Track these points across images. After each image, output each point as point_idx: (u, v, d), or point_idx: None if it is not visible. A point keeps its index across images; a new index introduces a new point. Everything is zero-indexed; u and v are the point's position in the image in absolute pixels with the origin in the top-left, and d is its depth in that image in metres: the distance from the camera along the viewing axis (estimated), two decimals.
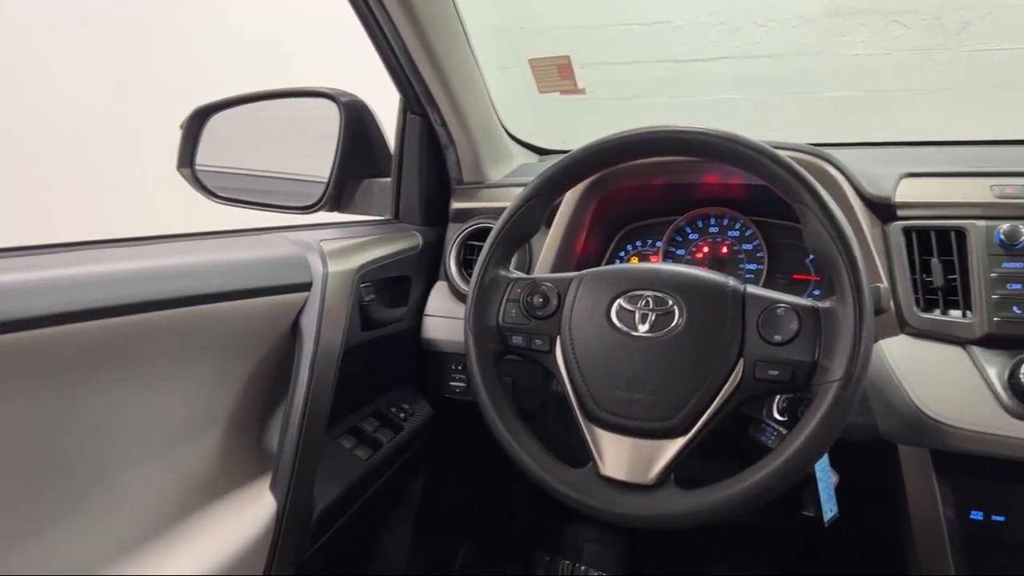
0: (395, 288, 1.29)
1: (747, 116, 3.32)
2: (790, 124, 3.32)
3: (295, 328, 1.02)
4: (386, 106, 1.41)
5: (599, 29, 3.02)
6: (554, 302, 0.94)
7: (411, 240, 1.33)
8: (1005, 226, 0.99)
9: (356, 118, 1.37)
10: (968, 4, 3.18)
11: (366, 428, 1.23)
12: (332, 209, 1.40)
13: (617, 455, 0.86)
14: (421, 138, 1.37)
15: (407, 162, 1.38)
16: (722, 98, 3.30)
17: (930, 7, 3.22)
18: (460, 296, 1.32)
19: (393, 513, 1.44)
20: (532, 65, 2.33)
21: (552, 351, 0.93)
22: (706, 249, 1.29)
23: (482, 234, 1.33)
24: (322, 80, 1.42)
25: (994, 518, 1.06)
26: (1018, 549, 1.10)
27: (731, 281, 0.88)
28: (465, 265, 1.35)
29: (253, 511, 0.96)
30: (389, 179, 1.41)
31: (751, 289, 0.87)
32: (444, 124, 1.34)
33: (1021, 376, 0.93)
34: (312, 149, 1.44)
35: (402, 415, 1.30)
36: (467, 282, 1.22)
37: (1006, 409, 0.94)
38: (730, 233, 1.28)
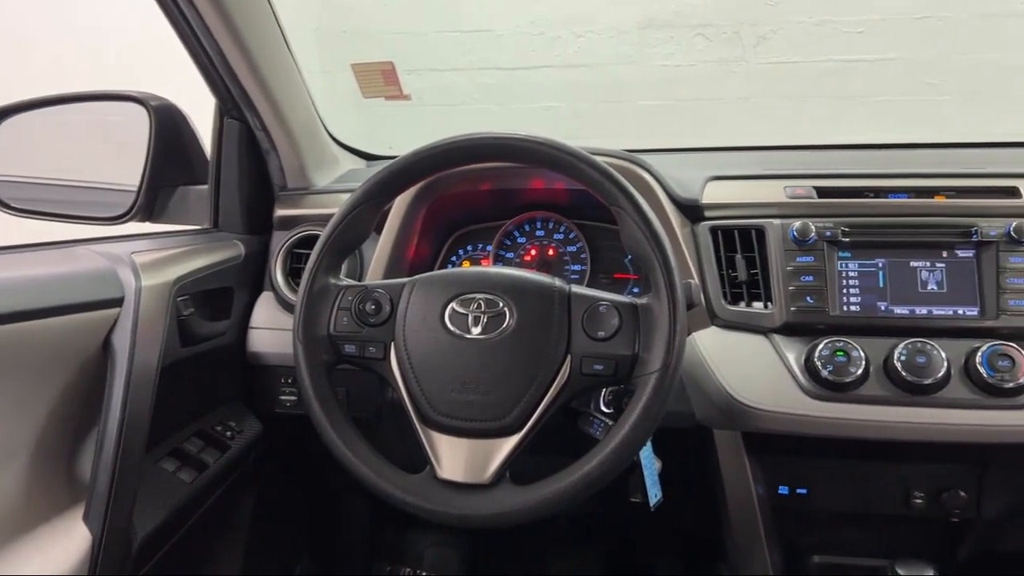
0: (216, 301, 1.24)
1: (569, 123, 3.44)
2: (608, 131, 3.46)
3: (106, 347, 0.95)
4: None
5: (424, 35, 3.02)
6: (387, 308, 0.94)
7: (232, 250, 1.28)
8: (797, 223, 1.09)
9: (168, 123, 1.29)
10: (764, 20, 3.46)
11: (190, 449, 1.17)
12: (144, 219, 1.32)
13: (454, 457, 0.87)
14: (240, 143, 1.31)
15: (226, 168, 1.32)
16: (545, 106, 3.40)
17: (731, 22, 3.47)
18: (287, 306, 1.28)
19: (224, 535, 1.38)
20: (355, 70, 2.29)
21: (386, 358, 0.92)
22: (534, 252, 1.33)
23: (309, 242, 1.30)
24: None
25: (798, 491, 1.17)
26: (819, 517, 1.22)
27: (557, 282, 0.92)
28: (292, 274, 1.31)
29: (65, 545, 0.88)
30: (206, 186, 1.34)
31: (576, 289, 0.91)
32: (264, 128, 1.29)
33: (815, 360, 1.02)
34: (122, 156, 1.35)
35: (229, 433, 1.25)
36: (294, 292, 1.19)
37: (804, 391, 1.03)
38: (556, 236, 1.33)
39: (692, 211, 1.16)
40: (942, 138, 1.58)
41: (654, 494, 1.07)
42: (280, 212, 1.36)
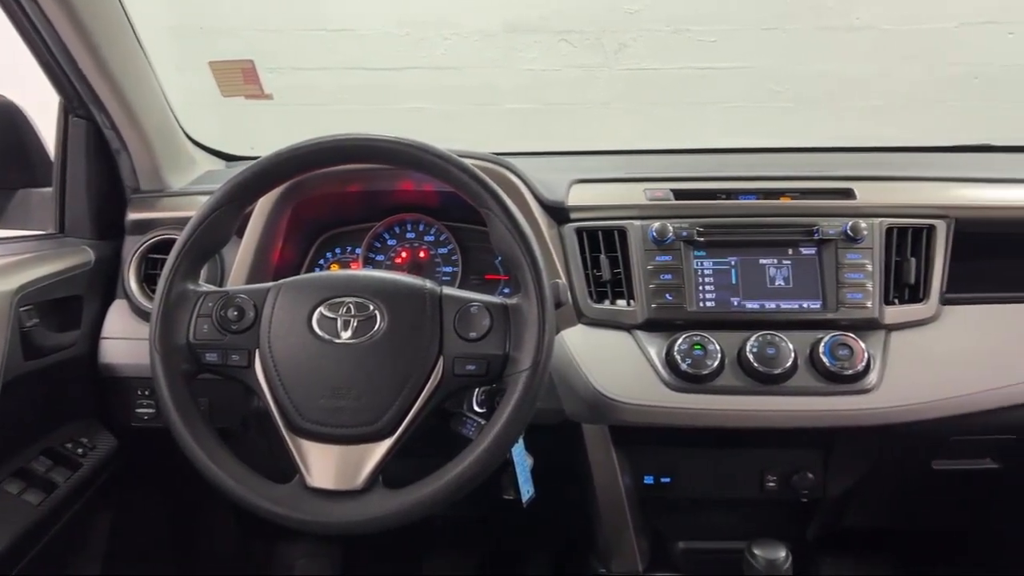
0: (64, 310, 1.16)
1: (437, 125, 3.43)
2: (477, 134, 3.48)
3: None
4: None
5: (285, 33, 2.94)
6: (251, 314, 0.91)
7: (81, 256, 1.20)
8: (656, 224, 1.14)
9: (4, 121, 1.20)
10: (624, 27, 3.58)
11: (37, 469, 1.09)
12: None
13: (324, 464, 0.85)
14: (88, 143, 1.24)
15: (72, 170, 1.24)
16: (413, 107, 3.38)
17: (593, 28, 3.57)
18: (143, 315, 1.22)
19: (80, 558, 1.29)
20: (213, 68, 2.20)
21: (251, 366, 0.90)
22: (405, 254, 1.32)
23: (165, 246, 1.24)
24: None
25: (663, 480, 1.22)
26: (683, 504, 1.28)
27: (428, 284, 0.92)
28: (147, 281, 1.25)
29: None
30: (50, 189, 1.26)
31: (447, 290, 0.91)
32: (114, 127, 1.22)
33: (675, 354, 1.07)
34: None
35: (80, 451, 1.17)
36: (150, 299, 1.14)
37: (666, 384, 1.08)
38: (426, 238, 1.33)
39: (558, 213, 1.19)
40: (787, 143, 1.69)
41: (527, 490, 1.09)
42: (133, 215, 1.29)
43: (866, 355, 1.06)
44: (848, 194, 1.17)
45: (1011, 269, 1.23)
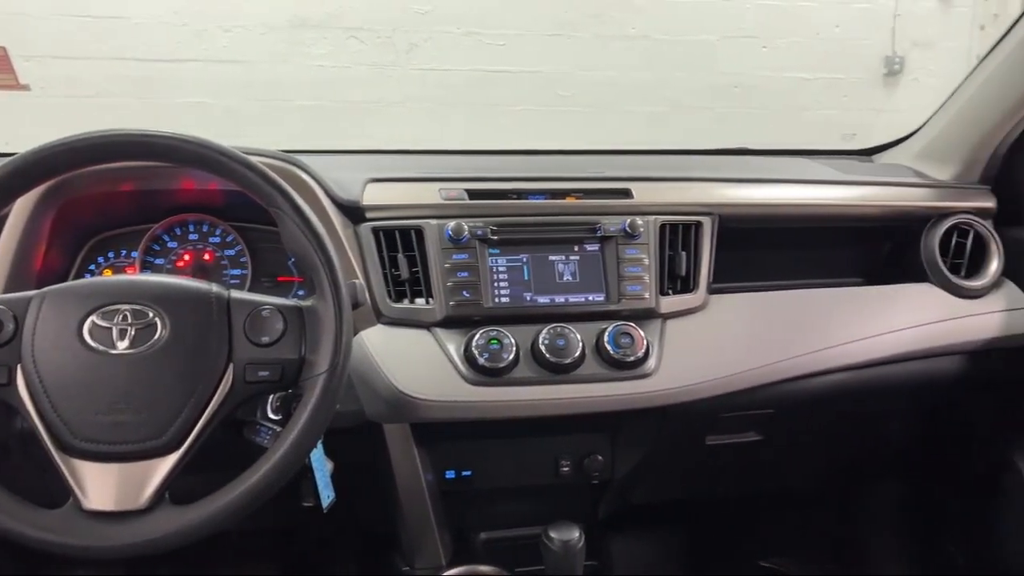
0: None
1: (221, 121, 3.27)
2: (265, 131, 3.36)
3: None
4: None
5: (44, 19, 2.68)
6: (10, 327, 0.82)
7: None
8: (452, 224, 1.16)
9: None
10: (415, 27, 3.60)
11: None
12: None
13: (103, 485, 0.79)
14: None
15: None
16: (193, 102, 3.21)
17: (384, 27, 3.56)
18: None
19: None
20: None
21: (12, 383, 0.81)
22: (188, 257, 1.25)
23: None
24: None
25: (464, 474, 1.25)
26: (483, 496, 1.31)
27: (215, 288, 0.88)
28: None
29: None
30: None
31: (235, 294, 0.88)
32: None
33: (472, 349, 1.09)
34: None
35: None
36: None
37: (465, 379, 1.10)
38: (211, 240, 1.26)
39: (353, 212, 1.18)
40: (574, 146, 1.79)
41: (327, 496, 1.07)
42: None
43: (645, 342, 1.14)
44: (627, 194, 1.25)
45: (769, 260, 1.38)
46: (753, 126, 3.91)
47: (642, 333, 1.15)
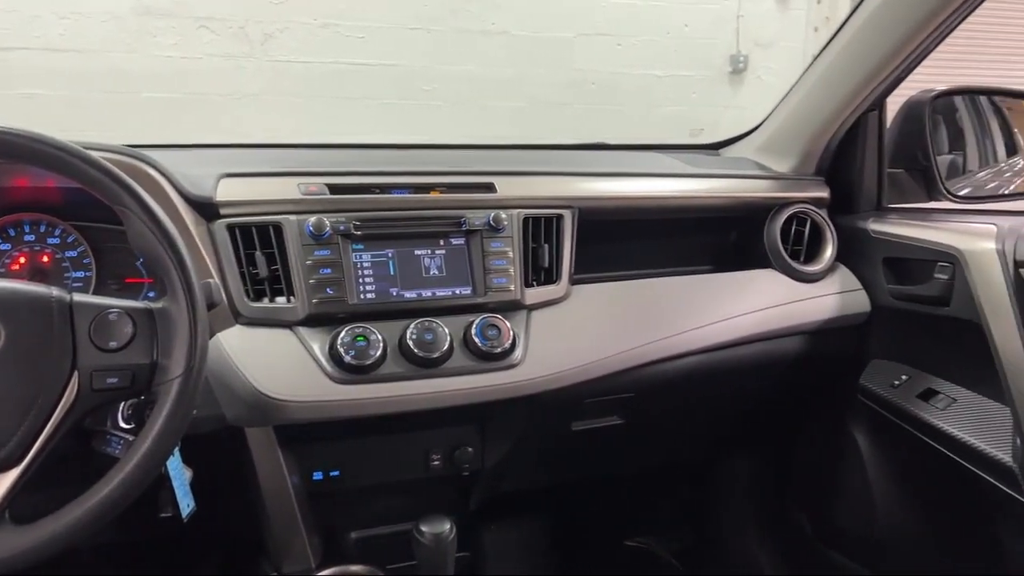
0: None
1: (59, 114, 3.07)
2: (108, 124, 3.17)
3: None
4: None
5: None
6: None
7: None
8: (312, 219, 1.13)
9: None
10: (269, 18, 3.49)
11: None
12: None
13: None
14: None
15: None
16: (25, 93, 2.99)
17: (237, 17, 3.44)
18: None
19: None
20: None
21: None
22: (23, 260, 1.16)
23: None
24: None
25: (332, 474, 1.23)
26: (353, 495, 1.30)
27: (55, 291, 0.82)
28: None
29: None
30: None
31: (78, 297, 0.83)
32: None
33: (338, 347, 1.08)
34: None
35: None
36: None
37: (330, 377, 1.08)
38: (50, 240, 1.18)
39: (206, 209, 1.13)
40: (437, 140, 1.79)
41: (186, 504, 1.03)
42: None
43: (512, 334, 1.16)
44: (490, 188, 1.26)
45: (626, 250, 1.43)
46: (610, 122, 4.04)
47: (508, 325, 1.17)
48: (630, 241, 1.44)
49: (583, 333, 1.25)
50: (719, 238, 1.53)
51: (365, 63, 3.69)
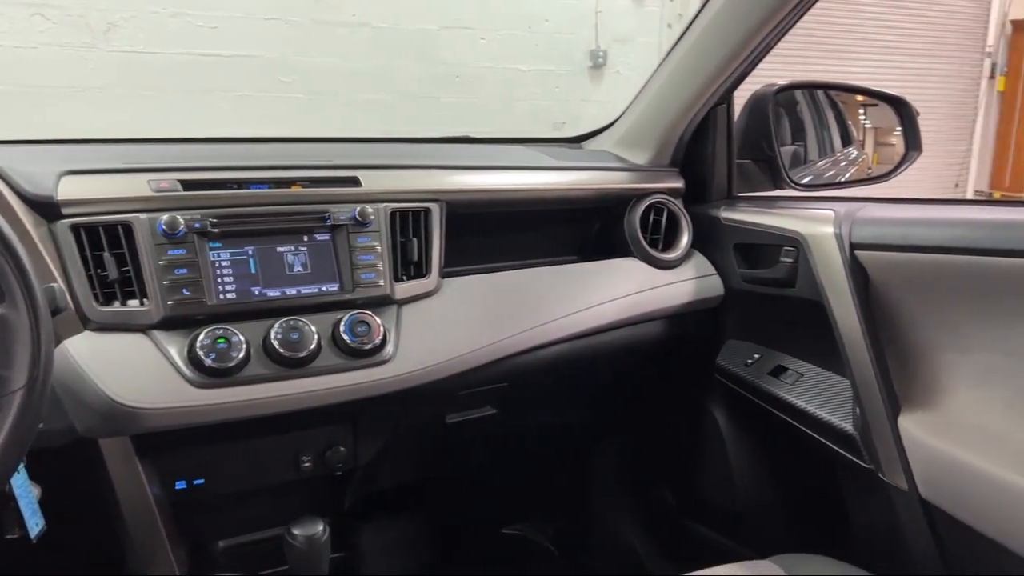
0: None
1: None
2: None
3: None
4: None
5: None
6: None
7: None
8: (165, 217, 1.08)
9: None
10: (114, 6, 3.29)
11: None
12: None
13: None
14: None
15: None
16: None
17: (76, 4, 3.22)
18: None
19: None
20: None
21: None
22: None
23: None
24: None
25: (196, 482, 1.18)
26: (220, 502, 1.25)
27: None
28: None
29: None
30: None
31: None
32: None
33: (197, 350, 1.03)
34: None
35: None
36: None
37: (190, 382, 1.04)
38: None
39: (46, 209, 1.06)
40: (298, 133, 1.74)
41: (35, 524, 0.96)
42: None
43: (382, 329, 1.15)
44: (355, 182, 1.25)
45: (495, 243, 1.45)
46: (476, 115, 4.06)
47: (379, 320, 1.16)
48: (499, 233, 1.46)
49: (455, 326, 1.25)
50: (583, 229, 1.58)
51: (218, 54, 3.55)
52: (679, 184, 1.57)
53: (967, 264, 1.03)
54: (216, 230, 1.11)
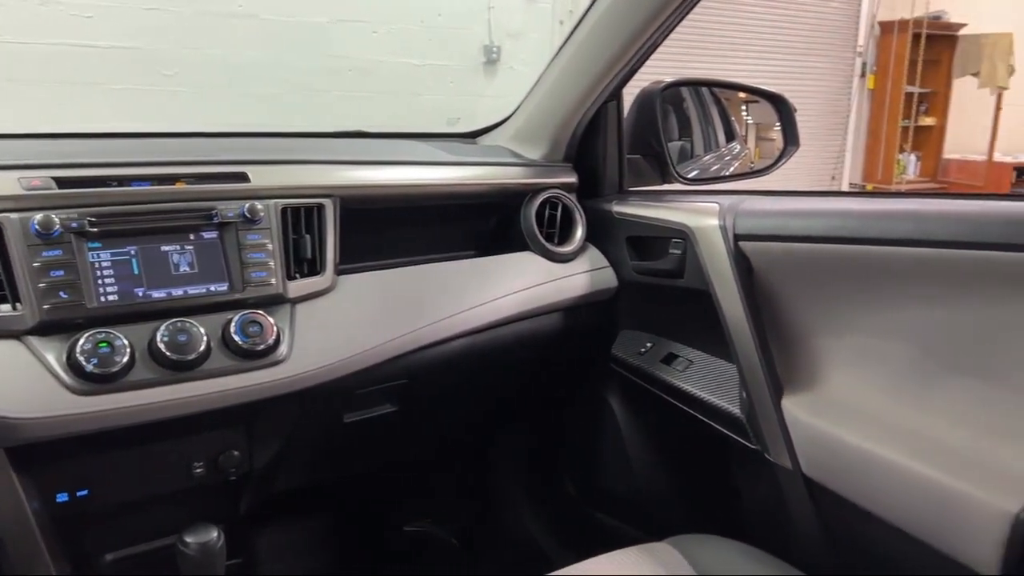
0: None
1: None
2: None
3: None
4: None
5: None
6: None
7: None
8: (39, 216, 1.02)
9: None
10: None
11: None
12: None
13: None
14: None
15: None
16: None
17: None
18: None
19: None
20: None
21: None
22: None
23: None
24: None
25: (79, 494, 1.12)
26: (106, 514, 1.19)
27: None
28: None
29: None
30: None
31: None
32: None
33: (77, 355, 0.98)
34: None
35: None
36: None
37: (70, 389, 0.98)
38: None
39: None
40: (182, 128, 1.67)
41: None
42: None
43: (275, 329, 1.13)
44: (243, 177, 1.21)
45: (392, 239, 1.44)
46: (370, 109, 4.01)
47: (271, 320, 1.13)
48: (395, 229, 1.45)
49: (351, 323, 1.24)
50: (480, 224, 1.58)
51: (95, 45, 3.37)
52: (572, 179, 1.59)
53: (842, 253, 1.09)
54: (95, 230, 1.06)
